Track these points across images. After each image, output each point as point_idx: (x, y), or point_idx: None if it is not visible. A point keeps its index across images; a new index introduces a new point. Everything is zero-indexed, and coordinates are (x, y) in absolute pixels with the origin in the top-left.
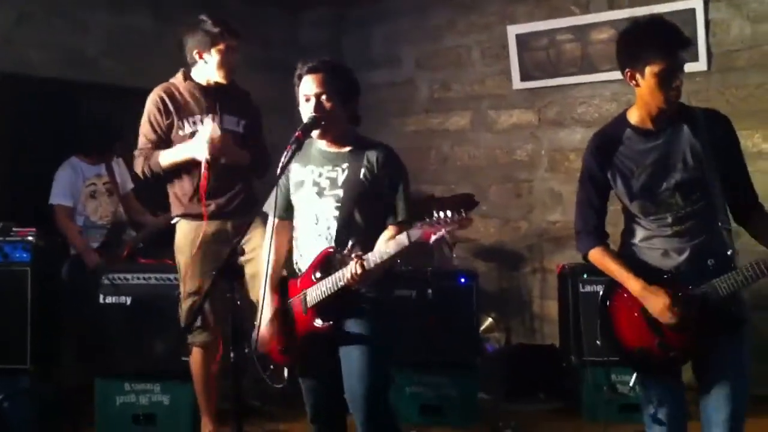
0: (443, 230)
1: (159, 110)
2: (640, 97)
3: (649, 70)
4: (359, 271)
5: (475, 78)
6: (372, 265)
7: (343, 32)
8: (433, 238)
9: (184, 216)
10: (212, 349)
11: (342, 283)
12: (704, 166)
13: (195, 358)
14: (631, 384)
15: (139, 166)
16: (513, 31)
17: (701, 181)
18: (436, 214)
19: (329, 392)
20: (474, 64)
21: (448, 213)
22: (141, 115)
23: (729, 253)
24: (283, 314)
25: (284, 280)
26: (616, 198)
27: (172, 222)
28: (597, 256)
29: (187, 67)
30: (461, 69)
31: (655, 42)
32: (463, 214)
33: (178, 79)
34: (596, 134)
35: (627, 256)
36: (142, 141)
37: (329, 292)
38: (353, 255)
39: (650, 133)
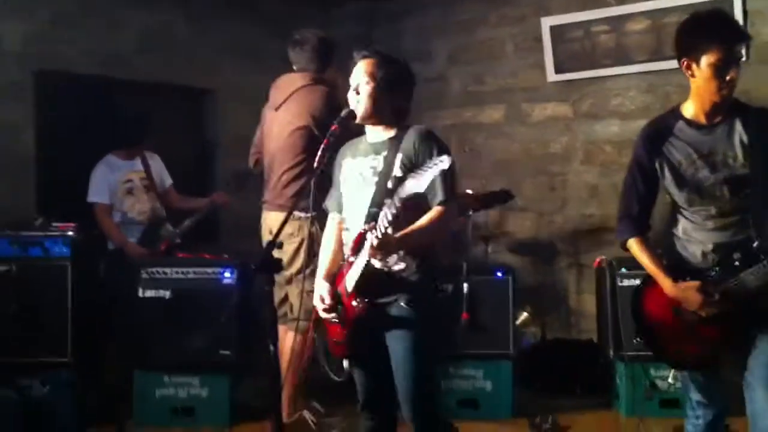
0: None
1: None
2: (694, 90)
3: (705, 59)
4: (374, 242)
5: (508, 71)
6: (379, 233)
7: (375, 27)
8: None
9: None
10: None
11: (365, 258)
12: (754, 162)
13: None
14: (670, 380)
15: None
16: (547, 22)
17: (750, 178)
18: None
19: (379, 380)
20: (507, 56)
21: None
22: (172, 109)
23: (755, 245)
24: (334, 306)
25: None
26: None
27: (310, 215)
28: (634, 247)
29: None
30: (495, 62)
31: (714, 32)
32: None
33: None
34: (648, 124)
35: (666, 249)
36: None
37: (360, 271)
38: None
39: (702, 127)
